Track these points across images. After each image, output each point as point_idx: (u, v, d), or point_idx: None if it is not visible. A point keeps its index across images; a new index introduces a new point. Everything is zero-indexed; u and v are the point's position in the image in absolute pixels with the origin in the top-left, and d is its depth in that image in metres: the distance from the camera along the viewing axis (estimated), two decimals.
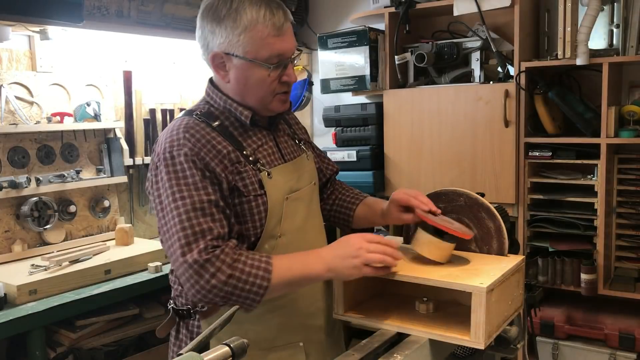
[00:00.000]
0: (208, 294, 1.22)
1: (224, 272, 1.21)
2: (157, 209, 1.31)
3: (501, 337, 1.41)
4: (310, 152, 1.57)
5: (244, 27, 1.30)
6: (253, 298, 1.25)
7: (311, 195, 1.50)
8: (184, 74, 3.01)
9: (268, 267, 1.25)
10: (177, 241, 1.24)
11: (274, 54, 1.32)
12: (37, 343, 1.91)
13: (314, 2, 3.40)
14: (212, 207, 1.26)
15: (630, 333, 2.39)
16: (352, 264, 1.27)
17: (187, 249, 1.22)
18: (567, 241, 2.50)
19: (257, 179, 1.35)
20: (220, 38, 1.33)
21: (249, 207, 1.33)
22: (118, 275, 2.22)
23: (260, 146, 1.40)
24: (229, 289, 1.22)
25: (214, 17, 1.33)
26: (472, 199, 1.48)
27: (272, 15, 1.30)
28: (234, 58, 1.33)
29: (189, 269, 1.22)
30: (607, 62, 2.33)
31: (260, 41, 1.30)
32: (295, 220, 1.42)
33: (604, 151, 2.36)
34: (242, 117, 1.38)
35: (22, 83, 2.36)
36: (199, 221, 1.24)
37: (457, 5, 2.60)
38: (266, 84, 1.35)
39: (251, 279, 1.23)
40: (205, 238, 1.23)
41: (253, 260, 1.25)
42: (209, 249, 1.22)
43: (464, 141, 2.61)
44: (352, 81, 2.89)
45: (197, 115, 1.37)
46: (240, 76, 1.35)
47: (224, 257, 1.23)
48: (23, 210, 2.28)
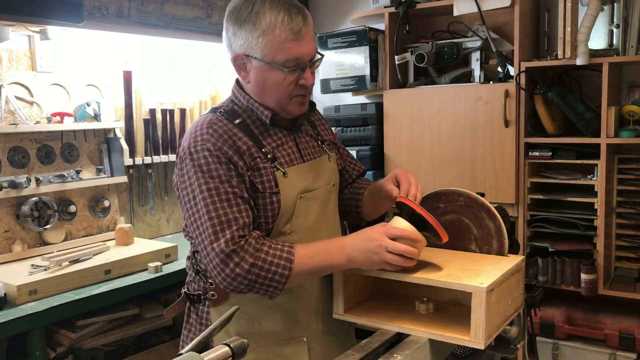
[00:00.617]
0: (233, 281, 1.29)
1: (247, 261, 1.28)
2: (184, 201, 1.37)
3: (501, 337, 1.41)
4: (332, 154, 1.60)
5: (263, 30, 1.33)
6: (275, 286, 1.31)
7: (328, 195, 1.52)
8: (184, 74, 3.01)
9: (290, 256, 1.30)
10: (204, 231, 1.31)
11: (291, 57, 1.36)
12: (37, 343, 1.92)
13: (314, 2, 3.40)
14: (237, 198, 1.33)
15: (630, 333, 2.39)
16: (372, 260, 1.30)
17: (215, 238, 1.29)
18: (567, 241, 2.50)
19: (273, 176, 1.39)
20: (240, 40, 1.37)
21: (263, 203, 1.38)
22: (118, 275, 2.22)
23: (279, 145, 1.44)
24: (253, 277, 1.29)
25: (236, 20, 1.37)
26: (472, 199, 1.48)
27: (290, 20, 1.34)
28: (253, 60, 1.38)
29: (216, 257, 1.29)
30: (607, 62, 2.33)
31: (277, 45, 1.34)
32: (308, 219, 1.44)
33: (604, 151, 2.36)
34: (263, 117, 1.43)
35: (22, 83, 2.36)
36: (226, 212, 1.31)
37: (457, 5, 2.60)
38: (283, 87, 1.39)
39: (273, 268, 1.29)
40: (232, 228, 1.29)
41: (276, 250, 1.31)
42: (235, 239, 1.29)
43: (464, 141, 2.61)
44: (352, 81, 2.89)
45: (220, 112, 1.42)
46: (259, 78, 1.40)
47: (247, 246, 1.29)
48: (23, 210, 2.28)
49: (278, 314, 1.43)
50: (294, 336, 1.44)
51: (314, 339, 1.47)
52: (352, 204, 1.67)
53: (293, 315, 1.44)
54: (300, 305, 1.45)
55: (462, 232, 1.50)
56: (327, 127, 1.67)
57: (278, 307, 1.42)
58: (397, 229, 1.30)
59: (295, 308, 1.44)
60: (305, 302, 1.45)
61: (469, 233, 1.49)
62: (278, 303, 1.41)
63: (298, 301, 1.44)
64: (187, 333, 1.52)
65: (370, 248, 1.29)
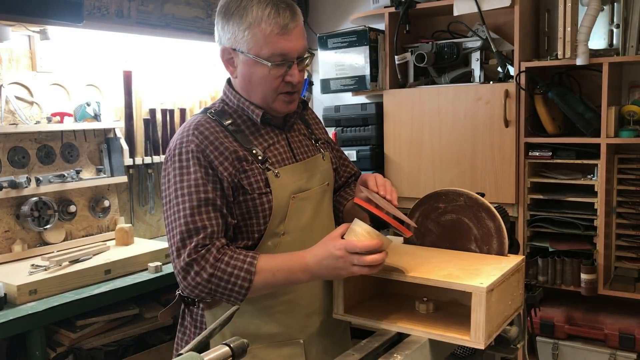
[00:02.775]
0: (194, 289, 1.31)
1: (206, 270, 1.29)
2: (163, 202, 1.39)
3: (501, 337, 1.41)
4: (327, 153, 1.59)
5: (249, 23, 1.33)
6: (236, 296, 1.32)
7: (322, 195, 1.51)
8: (184, 74, 3.01)
9: (251, 268, 1.30)
10: (173, 237, 1.33)
11: (277, 52, 1.34)
12: (37, 343, 1.92)
13: (314, 2, 3.41)
14: (208, 205, 1.32)
15: (630, 333, 2.39)
16: (339, 274, 1.30)
17: (181, 245, 1.31)
18: (567, 241, 2.50)
19: (263, 177, 1.38)
20: (228, 34, 1.38)
21: (253, 205, 1.37)
22: (118, 275, 2.22)
23: (271, 145, 1.43)
24: (213, 287, 1.30)
25: (225, 14, 1.38)
26: (472, 199, 1.48)
27: (277, 14, 1.33)
28: (239, 54, 1.38)
29: (178, 265, 1.32)
30: (607, 62, 2.33)
31: (263, 38, 1.33)
32: (301, 220, 1.43)
33: (604, 151, 2.36)
34: (254, 116, 1.42)
35: (22, 83, 2.36)
36: (194, 219, 1.31)
37: (457, 5, 2.60)
38: (268, 82, 1.37)
39: (233, 279, 1.30)
40: (198, 236, 1.30)
41: (237, 261, 1.31)
42: (198, 248, 1.30)
43: (464, 141, 2.61)
44: (352, 81, 2.89)
45: (211, 113, 1.42)
46: (245, 72, 1.39)
47: (209, 256, 1.30)
48: (23, 210, 2.28)
49: (275, 316, 1.42)
50: (290, 338, 1.44)
51: (310, 341, 1.46)
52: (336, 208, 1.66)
53: (290, 316, 1.43)
54: (297, 306, 1.44)
55: (462, 232, 1.50)
56: (322, 126, 1.66)
57: (275, 309, 1.42)
58: (357, 244, 1.24)
59: (292, 310, 1.43)
60: (302, 303, 1.44)
61: (469, 233, 1.49)
62: (274, 304, 1.41)
63: (295, 302, 1.43)
64: (181, 336, 1.51)
65: (335, 265, 1.27)
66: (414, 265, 1.37)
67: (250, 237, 1.39)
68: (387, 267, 1.34)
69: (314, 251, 1.31)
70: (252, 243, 1.40)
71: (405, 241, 1.60)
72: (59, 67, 2.51)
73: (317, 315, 1.47)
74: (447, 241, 1.52)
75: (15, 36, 2.32)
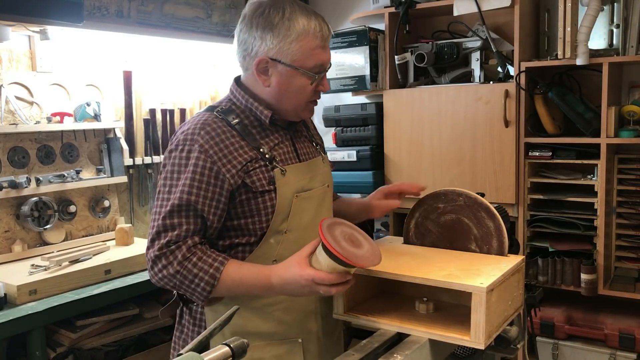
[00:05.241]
0: (160, 281, 1.35)
1: (173, 266, 1.32)
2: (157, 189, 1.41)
3: (501, 337, 1.41)
4: (326, 156, 1.62)
5: (297, 35, 1.35)
6: (198, 297, 1.35)
7: (323, 196, 1.53)
8: (184, 74, 3.01)
9: (216, 273, 1.32)
10: (152, 227, 1.36)
11: (318, 63, 1.39)
12: (37, 343, 1.92)
13: (314, 3, 3.40)
14: (189, 211, 1.34)
15: (630, 333, 2.39)
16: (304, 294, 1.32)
17: (156, 237, 1.34)
18: (567, 241, 2.50)
19: (269, 175, 1.39)
20: (269, 44, 1.36)
21: (255, 203, 1.38)
22: (118, 275, 2.22)
23: (277, 145, 1.45)
24: (177, 282, 1.34)
25: (265, 24, 1.36)
26: (471, 199, 1.48)
27: (320, 27, 1.37)
28: (279, 64, 1.38)
29: (148, 255, 1.35)
30: (607, 62, 2.33)
31: (309, 51, 1.37)
32: (303, 218, 1.44)
33: (604, 151, 2.36)
34: (262, 117, 1.43)
35: (22, 83, 2.36)
36: (172, 217, 1.33)
37: (457, 5, 2.60)
38: (305, 92, 1.41)
39: (196, 280, 1.32)
40: (173, 232, 1.33)
41: (204, 264, 1.33)
42: (170, 244, 1.32)
43: (464, 141, 2.61)
44: (352, 81, 2.89)
45: (218, 111, 1.42)
46: (283, 82, 1.40)
47: (178, 253, 1.32)
48: (23, 210, 2.28)
49: (274, 314, 1.43)
50: (289, 337, 1.44)
51: (309, 340, 1.47)
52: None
53: (289, 316, 1.44)
54: (296, 305, 1.44)
55: (462, 232, 1.50)
56: (318, 132, 1.69)
57: (274, 307, 1.42)
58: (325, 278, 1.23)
59: (291, 309, 1.44)
60: (301, 303, 1.45)
61: (469, 233, 1.49)
62: (273, 303, 1.41)
63: (294, 302, 1.44)
64: (179, 335, 1.51)
65: (300, 291, 1.29)
66: (414, 266, 1.38)
67: (253, 234, 1.41)
68: (387, 267, 1.34)
69: (279, 273, 1.30)
70: (254, 240, 1.41)
71: (405, 241, 1.60)
72: (59, 67, 2.51)
73: (316, 315, 1.48)
74: (447, 241, 1.52)
75: (15, 36, 2.32)
